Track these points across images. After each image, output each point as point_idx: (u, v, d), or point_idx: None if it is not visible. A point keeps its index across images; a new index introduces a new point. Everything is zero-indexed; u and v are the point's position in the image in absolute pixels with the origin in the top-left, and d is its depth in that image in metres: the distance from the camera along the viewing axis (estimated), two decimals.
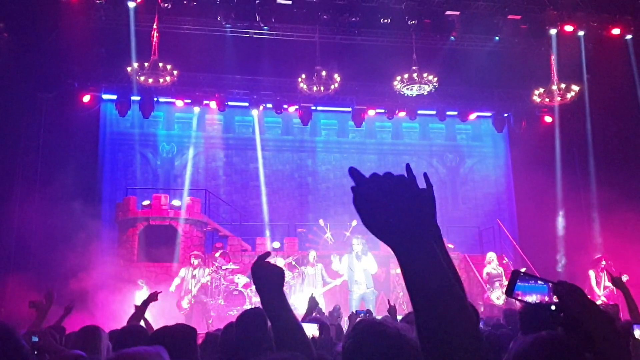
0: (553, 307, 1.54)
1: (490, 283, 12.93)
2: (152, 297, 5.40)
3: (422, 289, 1.11)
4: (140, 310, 5.10)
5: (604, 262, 12.63)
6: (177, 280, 12.97)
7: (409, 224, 1.11)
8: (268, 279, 2.02)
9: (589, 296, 1.54)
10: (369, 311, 7.52)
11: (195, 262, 12.95)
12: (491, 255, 13.43)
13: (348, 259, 12.44)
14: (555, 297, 1.54)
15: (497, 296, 12.90)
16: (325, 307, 11.33)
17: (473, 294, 14.41)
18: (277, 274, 2.04)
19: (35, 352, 3.86)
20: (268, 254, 2.15)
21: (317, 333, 3.40)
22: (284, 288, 2.07)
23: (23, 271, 13.19)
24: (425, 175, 1.22)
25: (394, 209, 1.11)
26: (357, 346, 1.78)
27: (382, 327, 1.79)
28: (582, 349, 1.50)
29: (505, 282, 12.17)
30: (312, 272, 13.21)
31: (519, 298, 1.59)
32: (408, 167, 1.18)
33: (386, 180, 1.15)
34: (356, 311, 7.01)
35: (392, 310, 5.83)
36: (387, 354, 1.71)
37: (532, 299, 1.58)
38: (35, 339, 4.11)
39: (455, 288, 1.12)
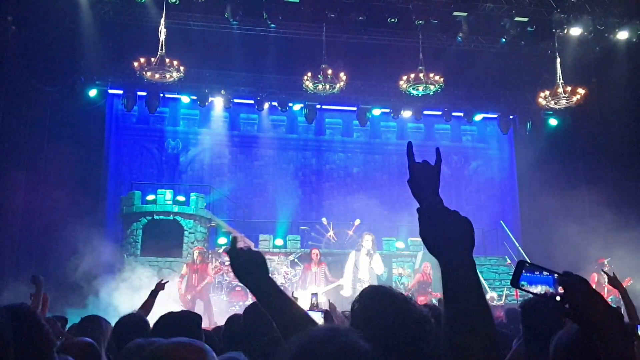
0: (558, 298, 1.53)
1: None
2: (159, 287, 5.42)
3: (461, 296, 1.32)
4: (149, 300, 5.11)
5: (606, 262, 12.61)
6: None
7: (464, 246, 1.38)
8: (252, 267, 1.85)
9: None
10: None
11: (197, 257, 12.85)
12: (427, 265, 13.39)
13: (355, 256, 12.40)
14: (560, 288, 1.54)
15: (491, 297, 12.99)
16: (325, 306, 11.31)
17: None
18: (260, 259, 1.86)
19: None
20: (235, 239, 1.98)
21: (321, 322, 3.42)
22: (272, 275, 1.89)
23: (27, 264, 13.27)
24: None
25: (455, 234, 1.40)
26: (364, 307, 1.85)
27: (387, 290, 1.86)
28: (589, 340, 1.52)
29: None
30: (315, 271, 13.20)
31: (524, 288, 1.58)
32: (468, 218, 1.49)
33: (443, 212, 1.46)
34: None
35: None
36: (392, 313, 1.77)
37: (537, 289, 1.57)
38: None
39: (485, 299, 1.33)
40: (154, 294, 5.20)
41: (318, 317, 3.50)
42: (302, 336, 1.12)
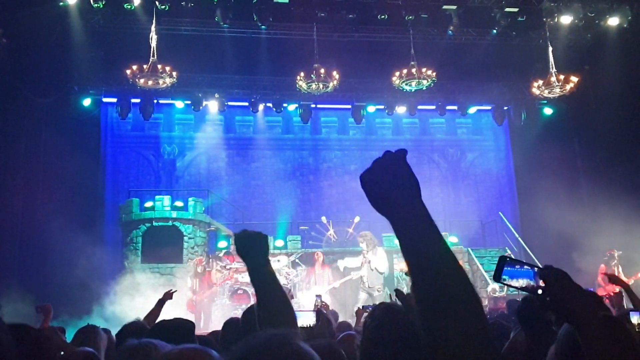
0: (540, 292, 1.57)
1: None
2: (167, 296, 5.43)
3: (420, 251, 1.18)
4: (156, 309, 5.12)
5: (615, 255, 12.62)
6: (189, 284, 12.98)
7: (404, 193, 1.24)
8: (253, 244, 1.92)
9: (573, 280, 1.57)
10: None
11: (199, 268, 12.88)
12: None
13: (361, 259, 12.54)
14: (541, 281, 1.57)
15: (493, 289, 13.04)
16: (331, 306, 11.35)
17: (476, 287, 14.47)
18: (262, 239, 1.94)
19: None
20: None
21: (313, 321, 3.46)
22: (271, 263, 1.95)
23: (27, 274, 13.27)
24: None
25: (389, 181, 1.26)
26: (379, 324, 1.85)
27: (399, 310, 1.88)
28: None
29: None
30: (319, 272, 13.23)
31: (506, 283, 1.62)
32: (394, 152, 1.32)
33: (383, 160, 1.30)
34: (363, 306, 6.99)
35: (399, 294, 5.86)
36: (406, 332, 1.78)
37: (518, 283, 1.61)
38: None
39: (449, 250, 1.18)
40: (161, 303, 5.18)
41: (311, 317, 3.54)
42: (246, 341, 1.13)
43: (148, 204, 14.98)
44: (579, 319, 1.50)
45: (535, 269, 1.61)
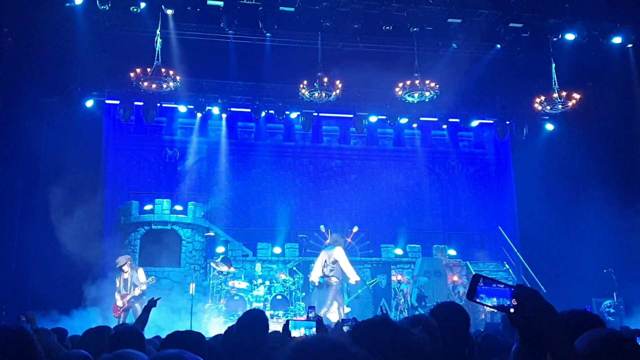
0: (512, 310, 1.59)
1: None
2: (152, 303, 5.56)
3: None
4: (144, 315, 5.23)
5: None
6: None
7: None
8: None
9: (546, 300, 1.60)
10: (354, 319, 7.48)
11: (125, 267, 12.56)
12: None
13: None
14: (514, 300, 1.59)
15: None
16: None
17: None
18: None
19: None
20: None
21: (314, 331, 3.51)
22: None
23: (25, 275, 13.24)
24: None
25: None
26: (367, 337, 1.87)
27: (389, 322, 1.89)
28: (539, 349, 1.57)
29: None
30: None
31: (480, 301, 1.63)
32: None
33: None
34: (342, 320, 6.99)
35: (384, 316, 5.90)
36: (395, 345, 1.79)
37: (492, 302, 1.63)
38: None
39: None
40: (147, 309, 5.32)
41: (311, 327, 3.60)
42: (297, 341, 1.20)
43: (147, 207, 14.97)
44: (549, 338, 1.53)
45: (509, 288, 1.63)
